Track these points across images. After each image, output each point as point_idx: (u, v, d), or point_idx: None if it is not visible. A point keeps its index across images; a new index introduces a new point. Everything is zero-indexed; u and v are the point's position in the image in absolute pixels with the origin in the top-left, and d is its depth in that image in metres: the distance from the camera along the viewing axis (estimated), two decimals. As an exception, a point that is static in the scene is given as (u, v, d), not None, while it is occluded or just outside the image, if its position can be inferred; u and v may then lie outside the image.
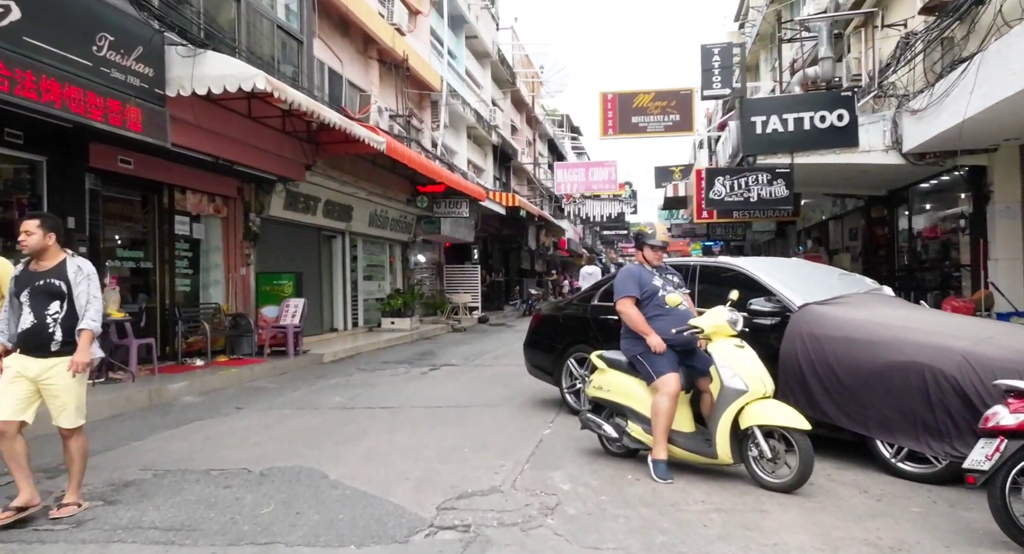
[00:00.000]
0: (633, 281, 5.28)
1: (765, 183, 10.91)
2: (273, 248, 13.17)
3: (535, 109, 35.75)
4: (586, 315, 7.11)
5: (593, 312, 7.06)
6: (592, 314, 7.05)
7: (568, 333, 7.28)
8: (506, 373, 10.59)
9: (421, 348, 14.78)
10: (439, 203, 19.01)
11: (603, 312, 6.94)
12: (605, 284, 7.20)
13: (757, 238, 28.15)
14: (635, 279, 5.29)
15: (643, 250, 5.44)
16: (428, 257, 22.76)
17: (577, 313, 7.25)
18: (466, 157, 24.26)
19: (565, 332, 7.32)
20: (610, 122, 16.19)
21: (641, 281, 5.28)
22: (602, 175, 29.07)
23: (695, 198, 14.96)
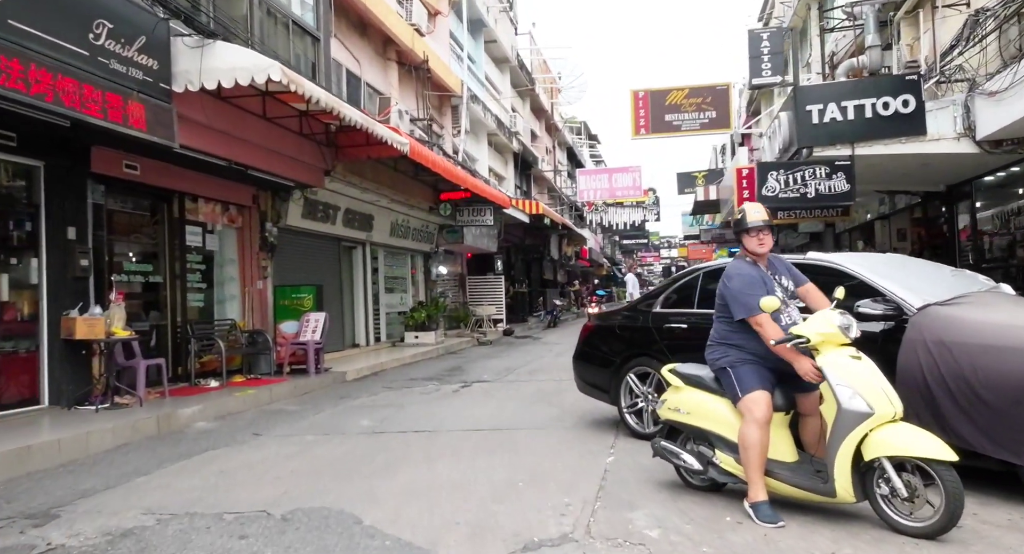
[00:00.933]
0: (760, 287, 4.25)
1: (823, 177, 10.01)
2: (291, 260, 12.43)
3: (554, 116, 35.01)
4: (647, 324, 6.23)
5: (656, 320, 6.19)
6: (655, 323, 6.18)
7: (626, 345, 6.42)
8: (546, 390, 9.73)
9: (448, 363, 13.95)
10: (462, 211, 18.24)
11: (668, 320, 6.08)
12: (669, 287, 6.33)
13: (790, 242, 27.19)
14: (762, 283, 4.29)
15: (743, 239, 4.45)
16: (450, 268, 21.97)
17: (636, 322, 6.38)
18: (487, 164, 23.52)
19: (622, 344, 6.46)
20: (642, 121, 15.36)
21: (766, 286, 4.31)
22: (626, 181, 28.24)
23: (735, 197, 14.06)
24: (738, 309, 4.32)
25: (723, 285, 4.52)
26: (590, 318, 7.08)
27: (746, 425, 4.12)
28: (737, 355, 4.32)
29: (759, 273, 4.38)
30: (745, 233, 4.46)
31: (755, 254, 4.45)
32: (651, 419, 6.11)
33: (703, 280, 5.98)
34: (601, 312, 7.16)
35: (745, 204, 4.62)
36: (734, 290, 4.37)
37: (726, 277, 4.51)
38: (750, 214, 4.49)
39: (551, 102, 34.04)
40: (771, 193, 10.12)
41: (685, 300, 6.10)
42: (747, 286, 4.28)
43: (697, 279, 6.04)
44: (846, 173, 9.90)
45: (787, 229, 24.81)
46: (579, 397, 8.60)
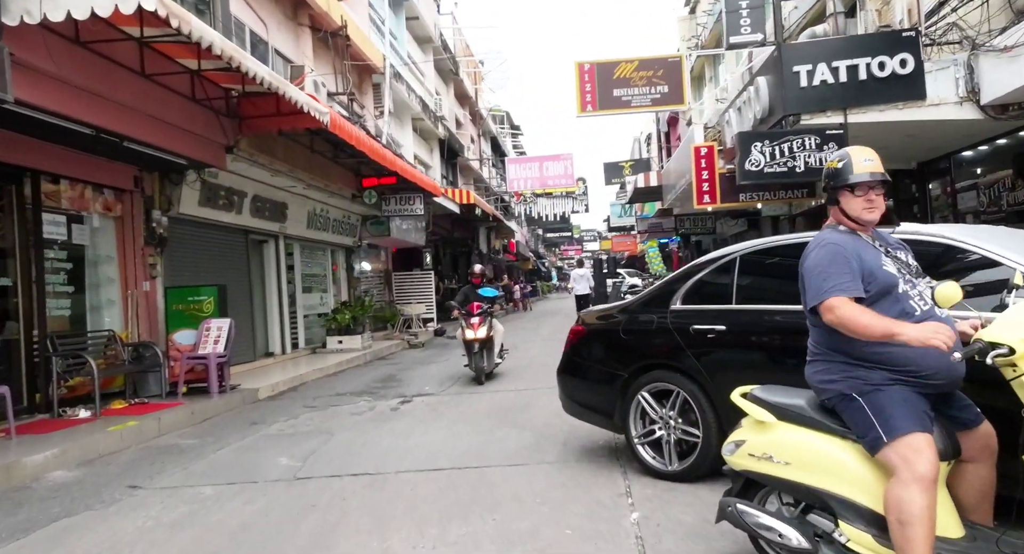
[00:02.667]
0: (844, 263, 2.80)
1: (813, 148, 8.78)
2: (187, 256, 10.36)
3: (478, 103, 33.34)
4: (666, 324, 4.70)
5: (678, 320, 4.66)
6: (677, 323, 4.65)
7: (636, 354, 4.87)
8: (504, 404, 8.11)
9: (380, 372, 12.13)
10: (388, 200, 16.38)
11: (696, 319, 4.56)
12: (692, 276, 4.80)
13: (724, 231, 26.44)
14: (847, 258, 2.82)
15: (842, 199, 2.93)
16: (374, 264, 20.04)
17: (648, 323, 4.83)
18: (412, 151, 21.66)
19: (630, 353, 4.90)
20: (588, 96, 13.90)
21: (863, 261, 2.86)
22: (558, 169, 26.94)
23: (693, 179, 12.81)
24: (813, 292, 2.84)
25: (801, 264, 3.02)
26: (579, 318, 5.48)
27: (901, 486, 2.61)
28: (871, 375, 2.81)
29: (854, 244, 2.88)
30: (846, 190, 2.93)
31: (858, 222, 2.94)
32: (674, 451, 4.59)
33: (744, 265, 4.49)
34: (595, 311, 5.56)
35: (849, 149, 3.07)
36: (808, 266, 2.89)
37: (805, 252, 3.01)
38: (857, 162, 2.94)
39: (475, 88, 32.34)
40: (755, 167, 8.83)
41: (718, 294, 4.61)
42: (828, 261, 2.81)
43: (733, 264, 4.54)
44: (838, 143, 8.69)
45: (725, 216, 24.04)
46: (548, 413, 7.08)
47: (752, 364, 4.23)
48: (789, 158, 8.81)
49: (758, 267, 4.53)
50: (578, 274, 23.52)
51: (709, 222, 25.43)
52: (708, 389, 4.40)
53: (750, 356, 4.28)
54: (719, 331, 4.39)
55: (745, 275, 4.48)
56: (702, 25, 25.29)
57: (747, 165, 8.86)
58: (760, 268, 4.53)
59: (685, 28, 28.56)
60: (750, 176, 8.88)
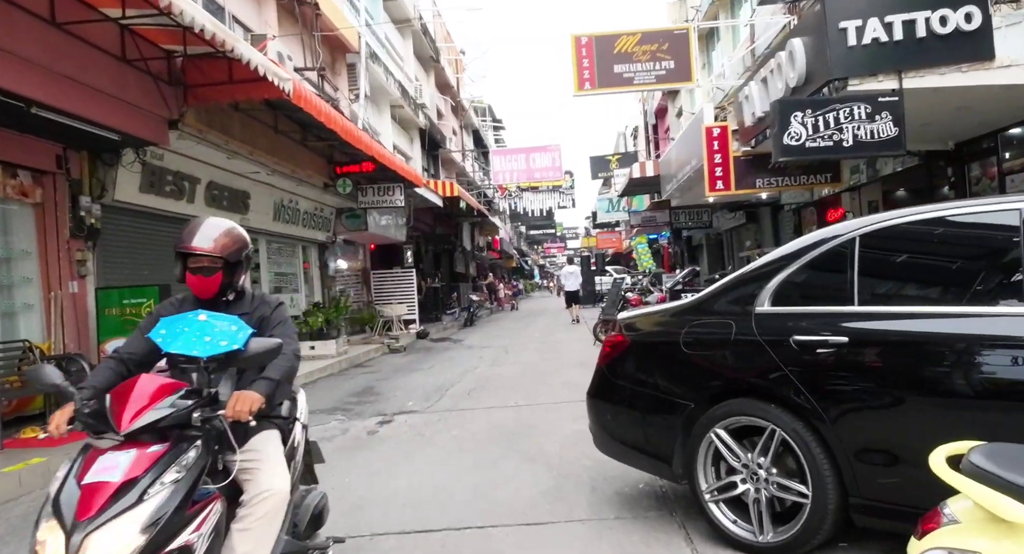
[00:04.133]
0: None
1: (863, 118, 7.47)
2: (127, 251, 8.86)
3: (460, 93, 31.88)
4: (750, 334, 3.33)
5: (770, 328, 3.29)
6: (767, 332, 3.28)
7: (708, 375, 3.51)
8: (505, 426, 6.72)
9: (357, 382, 10.69)
10: (365, 190, 14.92)
11: (803, 328, 3.18)
12: (782, 267, 3.42)
13: (721, 225, 25.22)
14: None
15: None
16: (351, 262, 18.56)
17: (726, 332, 3.44)
18: (391, 141, 20.17)
19: (699, 373, 3.54)
20: (586, 73, 12.55)
21: None
22: (545, 161, 25.61)
23: (706, 164, 11.49)
24: None
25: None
26: (618, 326, 4.08)
27: None
28: None
29: None
30: None
31: None
32: (766, 514, 3.23)
33: (869, 249, 3.14)
34: (640, 315, 4.16)
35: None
36: None
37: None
38: None
39: (457, 77, 30.87)
40: (795, 141, 7.51)
41: (829, 290, 3.27)
42: None
43: (850, 248, 3.18)
44: (892, 112, 7.40)
45: (722, 209, 22.81)
46: (561, 439, 5.75)
47: (900, 399, 2.88)
48: (835, 130, 7.48)
49: (895, 251, 3.19)
50: (568, 271, 23.71)
51: (706, 215, 24.20)
52: (822, 429, 3.05)
53: (897, 385, 2.93)
54: (838, 345, 3.03)
55: (873, 263, 3.13)
56: (695, 8, 24.07)
57: (786, 139, 7.53)
58: (899, 252, 3.19)
59: (676, 12, 27.29)
60: (790, 151, 7.56)
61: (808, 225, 15.29)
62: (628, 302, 13.82)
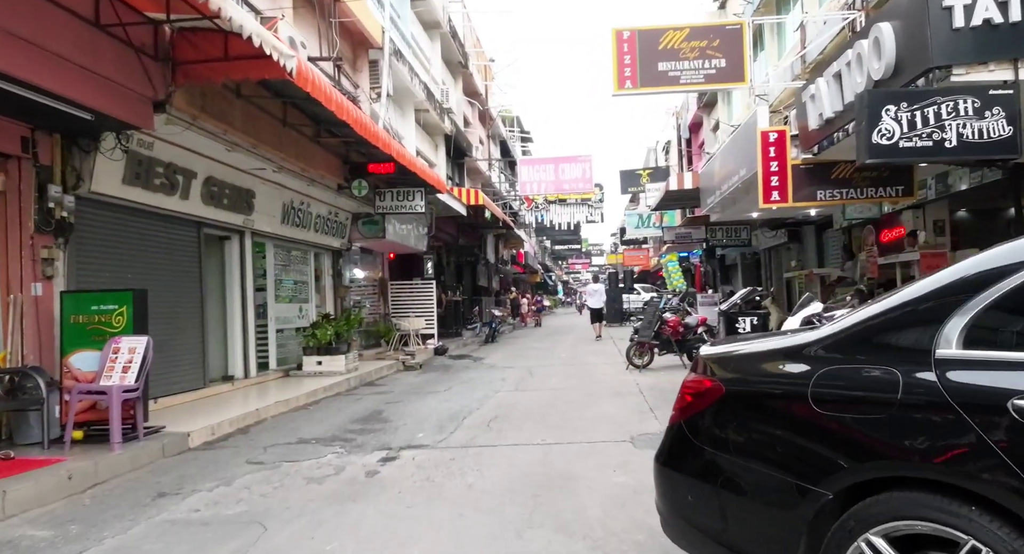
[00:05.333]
0: None
1: (970, 114, 6.23)
2: (105, 250, 7.82)
3: (488, 101, 30.90)
4: (934, 392, 2.11)
5: (966, 384, 2.08)
6: (962, 391, 2.07)
7: (857, 451, 2.28)
8: (532, 471, 5.53)
9: (364, 405, 9.54)
10: (383, 194, 13.85)
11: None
12: (976, 290, 2.21)
13: (760, 243, 23.85)
14: None
15: None
16: (368, 272, 17.52)
17: (890, 387, 2.21)
18: (415, 146, 19.16)
19: (842, 446, 2.32)
20: (628, 71, 11.41)
21: None
22: (575, 172, 24.51)
23: (760, 173, 10.27)
24: None
25: None
26: (704, 365, 2.87)
27: None
28: None
29: None
30: None
31: None
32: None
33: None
34: (739, 352, 2.94)
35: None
36: None
37: None
38: None
39: (485, 84, 29.90)
40: (888, 140, 6.30)
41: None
42: None
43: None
44: (1006, 108, 6.18)
45: (762, 226, 21.47)
46: (604, 496, 4.59)
47: None
48: (935, 128, 6.25)
49: None
50: (593, 289, 24.24)
51: (744, 233, 22.87)
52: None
53: None
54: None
55: None
56: (737, 15, 22.89)
57: (875, 137, 6.31)
58: None
59: (716, 21, 26.08)
60: (879, 152, 6.34)
61: (866, 246, 13.94)
62: (666, 323, 12.56)
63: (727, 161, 13.48)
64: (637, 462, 5.69)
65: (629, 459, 5.84)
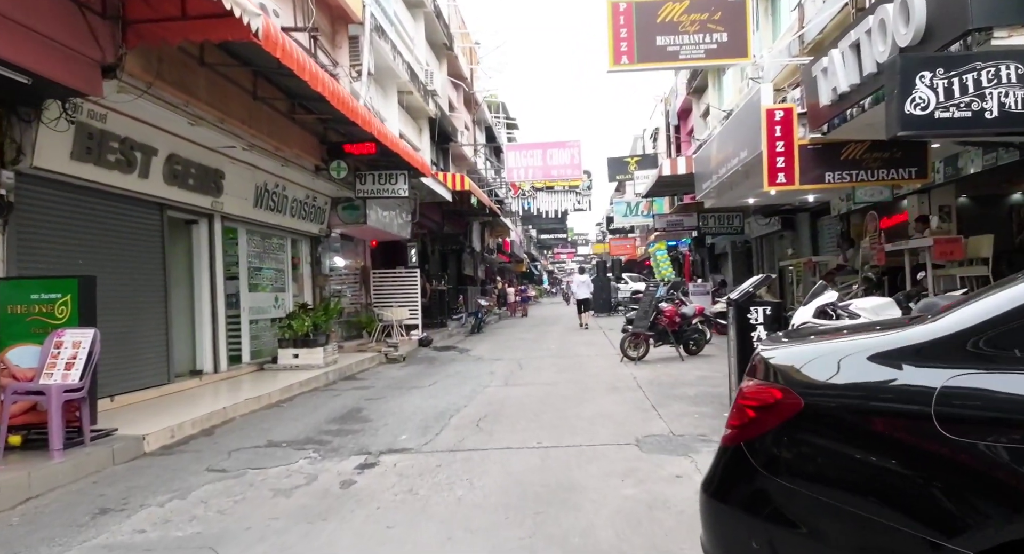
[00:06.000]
0: None
1: (1014, 81, 5.62)
2: (53, 233, 7.06)
3: (474, 85, 30.09)
4: None
5: None
6: None
7: (1008, 496, 1.64)
8: (528, 480, 4.88)
9: (342, 402, 8.85)
10: (364, 177, 13.11)
11: None
12: None
13: (753, 231, 23.29)
14: None
15: None
16: (349, 260, 16.78)
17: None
18: (398, 128, 18.39)
19: (984, 489, 1.68)
20: (624, 46, 10.74)
21: None
22: (563, 158, 23.82)
23: (765, 153, 9.65)
24: None
25: None
26: (769, 369, 2.21)
27: None
28: None
29: None
30: None
31: None
32: None
33: None
34: (817, 353, 2.27)
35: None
36: None
37: None
38: None
39: (471, 68, 29.07)
40: (922, 110, 5.69)
41: None
42: None
43: None
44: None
45: (756, 213, 20.91)
46: (612, 510, 3.97)
47: None
48: (975, 97, 5.64)
49: None
50: (579, 280, 24.04)
51: (737, 220, 22.31)
52: None
53: None
54: None
55: None
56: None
57: (909, 106, 5.69)
58: None
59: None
60: (913, 123, 5.72)
61: (868, 232, 13.39)
62: (662, 313, 11.95)
63: (725, 144, 12.85)
64: (646, 470, 5.07)
65: (636, 466, 5.21)
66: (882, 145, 9.67)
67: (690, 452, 5.53)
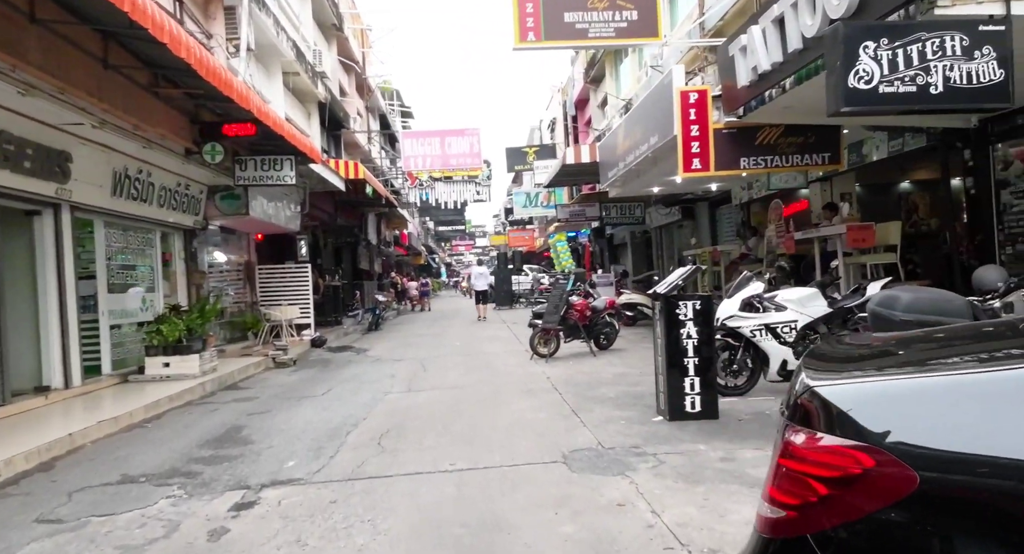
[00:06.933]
0: None
1: (958, 54, 5.23)
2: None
3: (366, 70, 28.67)
4: None
5: None
6: None
7: None
8: (446, 521, 4.04)
9: (219, 418, 7.68)
10: (244, 163, 11.78)
11: None
12: None
13: (652, 222, 23.21)
14: None
15: None
16: (231, 255, 15.31)
17: None
18: (283, 112, 16.96)
19: None
20: (530, 21, 9.99)
21: None
22: (462, 146, 22.96)
23: (680, 138, 9.16)
24: None
25: None
26: (845, 419, 1.46)
27: None
28: None
29: None
30: None
31: None
32: None
33: None
34: (912, 390, 1.54)
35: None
36: None
37: None
38: None
39: (363, 51, 27.63)
40: (867, 83, 5.21)
41: None
42: None
43: None
44: (996, 48, 5.23)
45: (657, 203, 20.78)
46: None
47: None
48: (920, 70, 5.21)
49: None
50: (478, 272, 24.77)
51: (639, 210, 22.14)
52: None
53: None
54: None
55: None
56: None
57: (852, 80, 5.20)
58: None
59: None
60: (857, 98, 5.24)
61: (773, 221, 13.29)
62: (572, 307, 11.35)
63: (634, 130, 12.36)
64: (581, 497, 4.34)
65: (569, 492, 4.47)
66: (797, 130, 9.40)
67: (626, 469, 4.85)
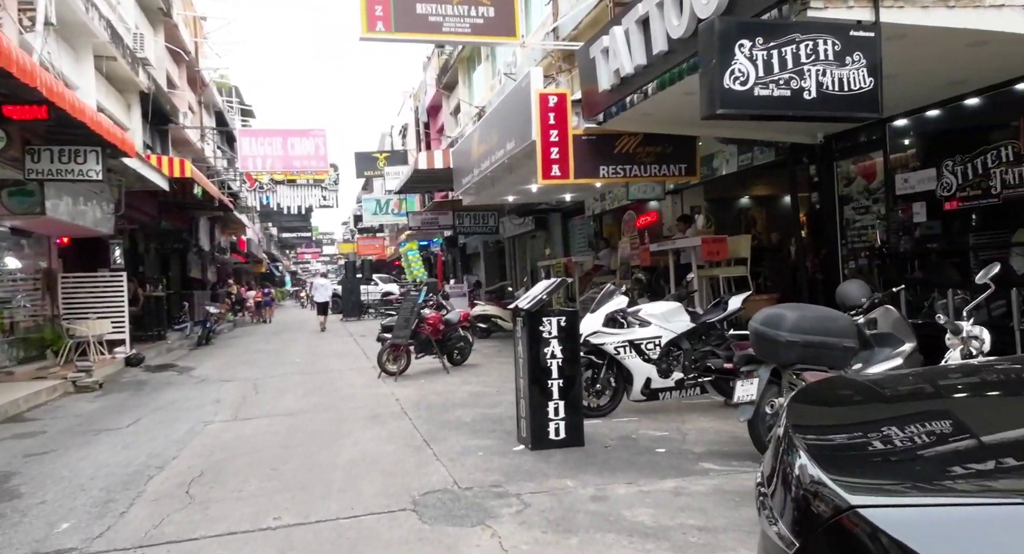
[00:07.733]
0: None
1: (830, 58, 5.01)
2: None
3: (199, 62, 26.39)
4: None
5: None
6: None
7: None
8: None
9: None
10: (37, 153, 10.00)
11: None
12: None
13: (505, 232, 22.87)
14: None
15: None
16: (26, 260, 13.16)
17: None
18: (95, 100, 14.93)
19: None
20: (379, 10, 9.15)
21: None
22: (306, 148, 21.50)
23: (539, 144, 8.66)
24: None
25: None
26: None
27: None
28: None
29: None
30: None
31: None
32: None
33: None
34: None
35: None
36: None
37: None
38: None
39: (195, 42, 25.35)
40: (742, 84, 4.84)
41: None
42: None
43: None
44: (866, 55, 5.05)
45: (510, 213, 20.44)
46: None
47: None
48: (794, 74, 4.93)
49: None
50: (320, 283, 25.36)
51: (492, 220, 21.70)
52: None
53: None
54: None
55: None
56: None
57: (727, 80, 4.83)
58: None
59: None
60: (733, 100, 4.87)
61: (627, 233, 13.20)
62: (425, 320, 10.56)
63: (489, 135, 11.80)
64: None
65: (420, 552, 3.69)
66: (655, 139, 9.20)
67: (487, 518, 4.14)
